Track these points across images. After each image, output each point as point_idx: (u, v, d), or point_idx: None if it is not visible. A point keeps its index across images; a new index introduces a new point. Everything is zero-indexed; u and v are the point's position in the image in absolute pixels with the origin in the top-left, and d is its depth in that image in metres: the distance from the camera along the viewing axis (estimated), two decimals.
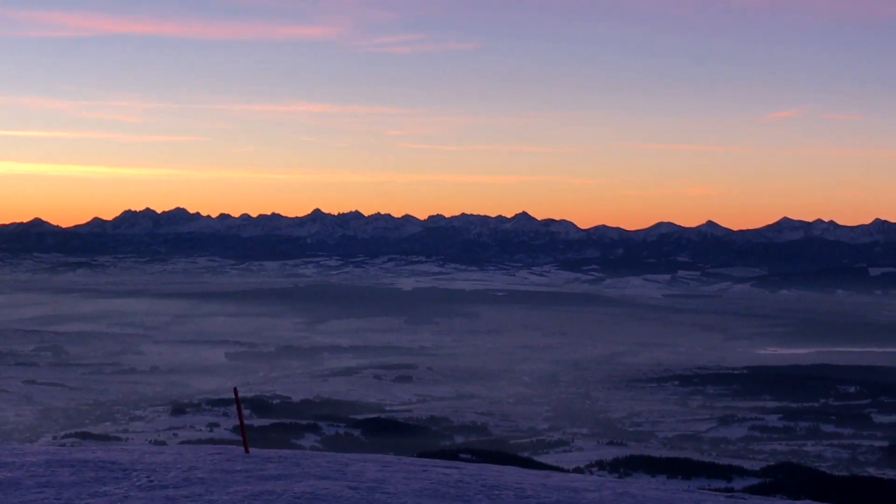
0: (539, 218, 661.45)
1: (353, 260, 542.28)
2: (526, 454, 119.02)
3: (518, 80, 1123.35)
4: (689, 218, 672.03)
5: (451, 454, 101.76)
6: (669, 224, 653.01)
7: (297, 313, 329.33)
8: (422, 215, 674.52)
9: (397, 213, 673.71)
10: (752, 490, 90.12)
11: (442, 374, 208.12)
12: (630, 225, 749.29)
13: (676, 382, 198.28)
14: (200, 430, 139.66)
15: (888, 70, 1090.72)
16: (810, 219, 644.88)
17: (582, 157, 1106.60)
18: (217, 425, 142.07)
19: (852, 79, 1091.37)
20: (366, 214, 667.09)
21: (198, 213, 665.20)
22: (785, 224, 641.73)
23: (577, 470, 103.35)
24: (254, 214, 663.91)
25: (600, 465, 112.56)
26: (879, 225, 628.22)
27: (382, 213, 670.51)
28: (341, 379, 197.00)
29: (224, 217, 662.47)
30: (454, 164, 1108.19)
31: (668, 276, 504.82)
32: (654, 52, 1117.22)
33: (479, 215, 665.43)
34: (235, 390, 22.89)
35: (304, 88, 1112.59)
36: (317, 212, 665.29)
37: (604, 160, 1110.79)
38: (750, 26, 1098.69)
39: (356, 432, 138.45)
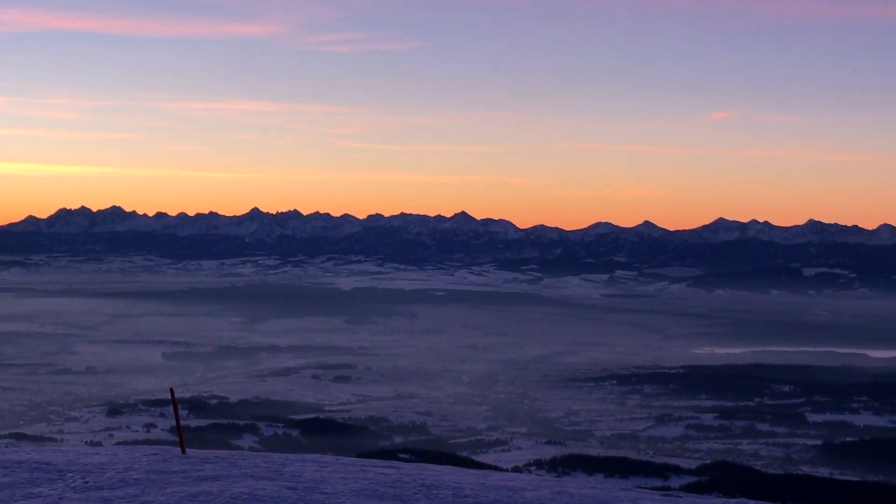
0: (478, 218, 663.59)
1: (291, 259, 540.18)
2: (465, 454, 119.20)
3: (458, 80, 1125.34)
4: (627, 218, 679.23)
5: (389, 454, 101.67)
6: (607, 224, 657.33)
7: (234, 313, 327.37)
8: (361, 215, 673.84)
9: (336, 213, 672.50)
10: (688, 488, 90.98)
11: (381, 374, 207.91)
12: (568, 225, 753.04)
13: (614, 382, 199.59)
14: (137, 431, 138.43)
15: (821, 72, 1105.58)
16: (745, 219, 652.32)
17: (521, 157, 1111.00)
18: (154, 426, 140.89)
19: (786, 81, 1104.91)
20: (305, 213, 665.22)
21: (134, 212, 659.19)
22: (721, 224, 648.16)
23: (516, 469, 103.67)
24: (191, 213, 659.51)
25: (538, 464, 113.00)
26: (813, 225, 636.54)
27: (321, 212, 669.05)
28: (280, 379, 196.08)
29: (161, 216, 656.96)
30: (393, 163, 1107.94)
31: (605, 276, 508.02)
32: (593, 53, 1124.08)
33: (418, 215, 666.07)
34: (172, 391, 22.70)
35: (243, 86, 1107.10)
36: (255, 211, 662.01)
37: (542, 160, 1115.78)
38: (686, 28, 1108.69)
39: (294, 432, 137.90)
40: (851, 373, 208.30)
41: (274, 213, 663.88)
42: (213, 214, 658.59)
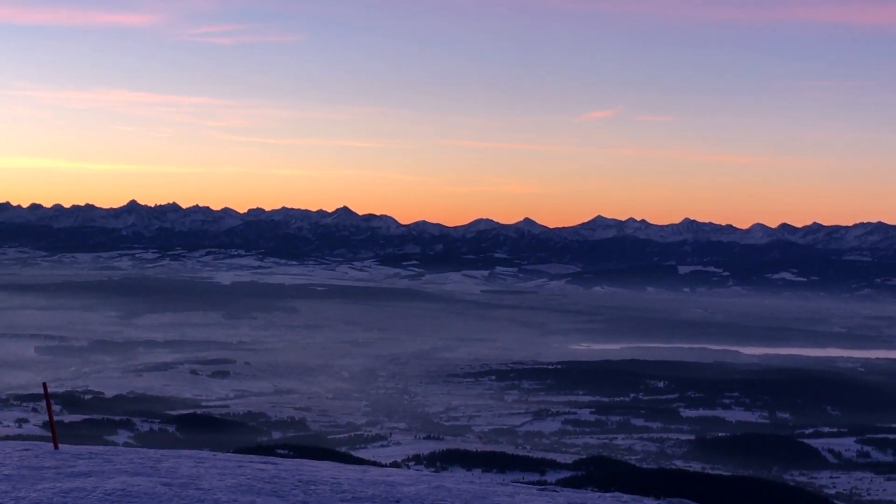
0: (360, 213, 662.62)
1: (170, 253, 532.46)
2: (344, 449, 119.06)
3: (340, 74, 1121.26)
4: (508, 215, 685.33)
5: (267, 450, 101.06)
6: (488, 221, 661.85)
7: (110, 307, 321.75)
8: (241, 208, 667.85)
9: (216, 206, 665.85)
10: (565, 483, 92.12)
11: (260, 370, 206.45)
12: (449, 221, 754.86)
13: (493, 377, 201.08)
14: (8, 427, 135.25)
15: (698, 74, 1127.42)
16: (623, 217, 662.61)
17: (403, 152, 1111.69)
18: (26, 421, 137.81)
19: (664, 82, 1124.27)
20: (184, 207, 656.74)
21: (8, 203, 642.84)
22: (599, 222, 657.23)
23: (395, 464, 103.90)
24: (67, 205, 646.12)
25: (417, 459, 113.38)
26: (689, 224, 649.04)
27: (201, 205, 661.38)
28: (156, 374, 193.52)
29: (35, 207, 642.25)
30: (275, 157, 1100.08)
31: (486, 272, 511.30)
32: (475, 51, 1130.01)
33: (299, 209, 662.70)
34: (45, 385, 22.31)
35: (122, 77, 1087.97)
36: (133, 203, 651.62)
37: (424, 156, 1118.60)
38: (566, 28, 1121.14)
39: (171, 428, 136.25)
40: (724, 369, 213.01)
41: (152, 205, 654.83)
42: (89, 206, 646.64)
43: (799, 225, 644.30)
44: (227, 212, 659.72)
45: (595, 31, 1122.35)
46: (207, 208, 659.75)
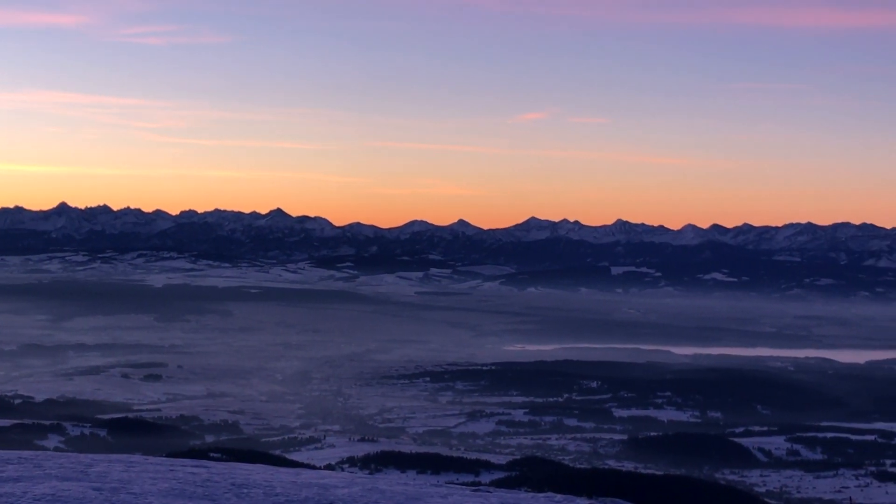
0: (294, 215, 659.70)
1: (101, 255, 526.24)
2: (277, 452, 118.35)
3: (273, 75, 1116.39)
4: (442, 217, 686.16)
5: (200, 453, 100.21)
6: (422, 223, 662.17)
7: (40, 310, 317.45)
8: (174, 210, 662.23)
9: (148, 208, 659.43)
10: (499, 483, 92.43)
11: (193, 373, 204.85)
12: (384, 223, 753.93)
13: (427, 379, 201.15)
14: None
15: (630, 75, 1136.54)
16: (557, 219, 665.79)
17: (337, 154, 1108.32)
18: None
19: (597, 84, 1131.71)
20: (115, 209, 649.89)
21: None
22: (533, 223, 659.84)
23: (329, 467, 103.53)
24: None
25: (351, 461, 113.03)
26: (621, 225, 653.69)
27: (132, 207, 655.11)
28: (87, 378, 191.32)
29: None
30: (207, 159, 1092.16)
31: (420, 274, 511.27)
32: (409, 53, 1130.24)
33: (232, 211, 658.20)
34: None
35: (51, 77, 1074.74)
36: (63, 205, 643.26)
37: (358, 158, 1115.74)
38: (499, 30, 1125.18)
39: (102, 432, 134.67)
40: (656, 369, 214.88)
41: (83, 207, 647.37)
42: (18, 209, 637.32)
43: (730, 226, 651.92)
44: (158, 214, 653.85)
45: (528, 34, 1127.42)
46: (139, 210, 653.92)
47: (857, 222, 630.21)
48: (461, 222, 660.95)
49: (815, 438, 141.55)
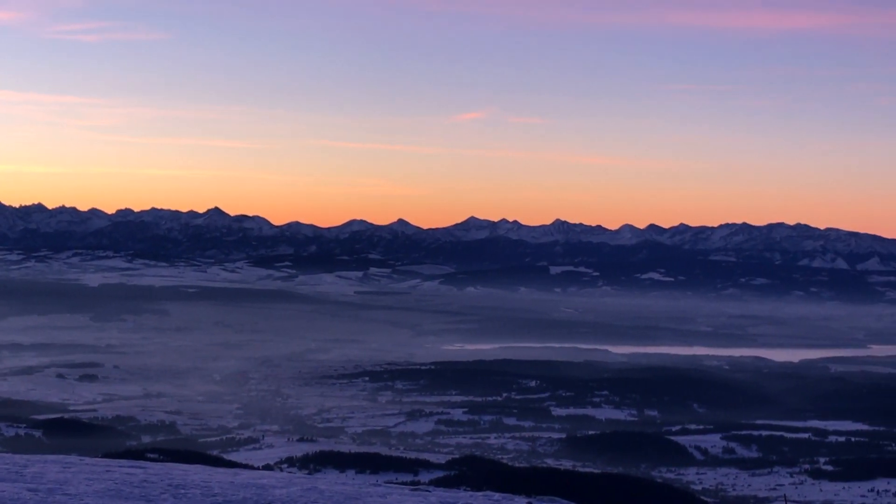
0: (232, 214, 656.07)
1: (35, 254, 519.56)
2: (215, 452, 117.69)
3: (210, 73, 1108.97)
4: (381, 216, 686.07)
5: (137, 454, 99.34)
6: (362, 222, 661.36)
7: None
8: (109, 209, 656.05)
9: (83, 207, 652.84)
10: (438, 483, 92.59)
11: (129, 373, 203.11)
12: (323, 222, 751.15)
13: (367, 378, 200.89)
14: None
15: (569, 76, 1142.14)
16: (496, 218, 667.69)
17: (275, 152, 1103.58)
18: None
19: (535, 84, 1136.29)
20: (49, 207, 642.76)
21: None
22: (472, 223, 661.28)
23: (267, 467, 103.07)
24: None
25: (290, 461, 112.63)
26: (560, 225, 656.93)
27: (67, 206, 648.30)
28: (21, 378, 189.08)
29: None
30: (143, 156, 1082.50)
31: (360, 274, 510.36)
32: (348, 51, 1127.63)
33: (169, 210, 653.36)
34: None
35: None
36: None
37: (298, 157, 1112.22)
38: (439, 29, 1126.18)
39: (37, 433, 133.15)
40: (594, 368, 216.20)
41: (17, 206, 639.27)
42: None
43: (667, 226, 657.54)
44: (94, 212, 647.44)
45: (467, 33, 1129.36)
46: (74, 209, 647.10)
47: (792, 222, 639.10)
48: (401, 222, 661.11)
49: (750, 436, 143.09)
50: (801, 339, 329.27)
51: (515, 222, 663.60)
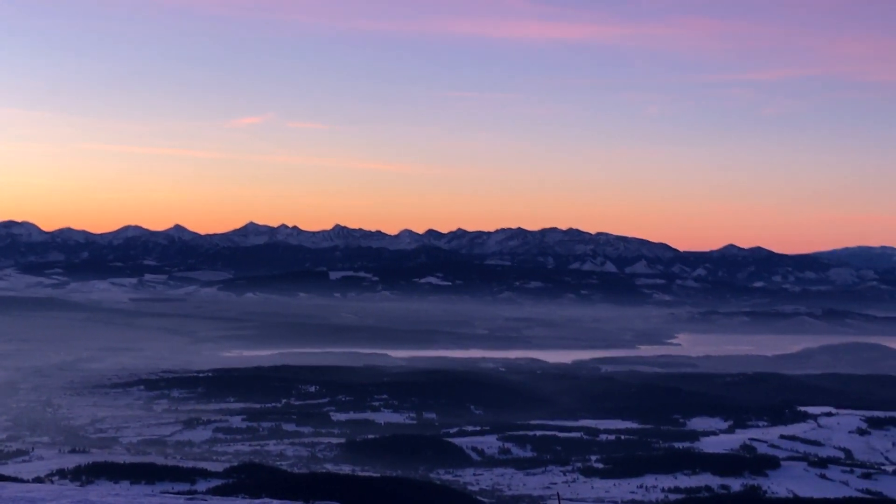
0: None
1: None
2: None
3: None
4: (157, 222, 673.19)
5: None
6: (137, 228, 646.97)
7: None
8: None
9: None
10: (215, 491, 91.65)
11: None
12: (96, 228, 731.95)
13: (142, 387, 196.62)
14: None
15: (348, 82, 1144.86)
16: (275, 224, 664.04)
17: (46, 156, 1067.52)
18: None
19: (315, 90, 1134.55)
20: None
21: None
22: (251, 229, 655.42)
23: (37, 480, 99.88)
24: None
25: (62, 473, 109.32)
26: (339, 230, 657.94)
27: None
28: None
29: None
30: None
31: (134, 280, 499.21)
32: (122, 53, 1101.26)
33: None
34: None
35: None
36: None
37: (69, 161, 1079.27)
38: (217, 32, 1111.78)
39: None
40: (373, 372, 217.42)
41: None
42: None
43: (445, 231, 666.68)
44: None
45: (246, 37, 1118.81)
46: None
47: (564, 227, 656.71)
48: (177, 227, 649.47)
49: (525, 437, 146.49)
50: (573, 340, 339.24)
51: (295, 228, 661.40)
